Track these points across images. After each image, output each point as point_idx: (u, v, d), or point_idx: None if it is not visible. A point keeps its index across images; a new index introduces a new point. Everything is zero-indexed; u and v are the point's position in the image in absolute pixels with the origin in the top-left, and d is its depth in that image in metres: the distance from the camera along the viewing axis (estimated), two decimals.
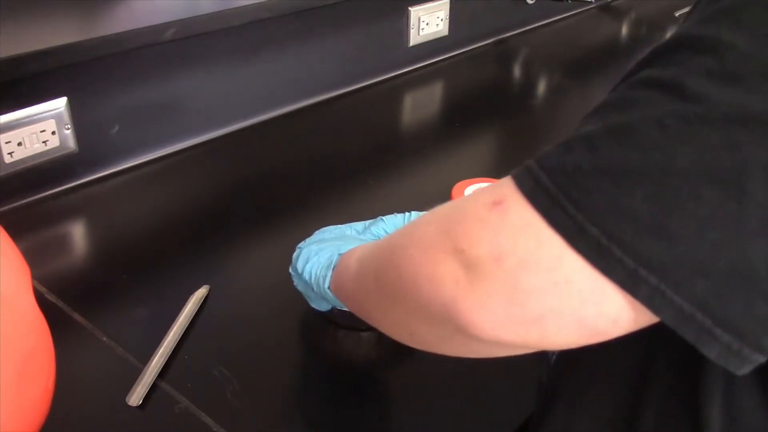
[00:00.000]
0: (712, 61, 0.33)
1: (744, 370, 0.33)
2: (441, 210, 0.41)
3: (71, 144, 0.93)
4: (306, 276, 0.64)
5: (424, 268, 0.40)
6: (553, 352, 0.55)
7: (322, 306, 0.68)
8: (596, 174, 0.34)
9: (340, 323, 0.71)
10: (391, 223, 0.73)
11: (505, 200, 0.36)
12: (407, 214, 0.74)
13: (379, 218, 0.75)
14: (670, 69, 0.35)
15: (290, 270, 0.71)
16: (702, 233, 0.32)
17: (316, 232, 0.81)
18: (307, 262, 0.64)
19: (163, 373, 0.65)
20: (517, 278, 0.35)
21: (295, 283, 0.70)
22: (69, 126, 0.91)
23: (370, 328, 0.71)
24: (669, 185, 0.32)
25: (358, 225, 0.78)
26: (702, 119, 0.32)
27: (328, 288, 0.60)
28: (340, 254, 0.60)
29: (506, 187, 0.37)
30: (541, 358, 0.58)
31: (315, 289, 0.63)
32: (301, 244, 0.68)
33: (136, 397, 0.62)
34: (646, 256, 0.33)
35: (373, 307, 0.51)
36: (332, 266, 0.60)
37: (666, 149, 0.33)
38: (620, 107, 0.36)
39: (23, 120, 0.87)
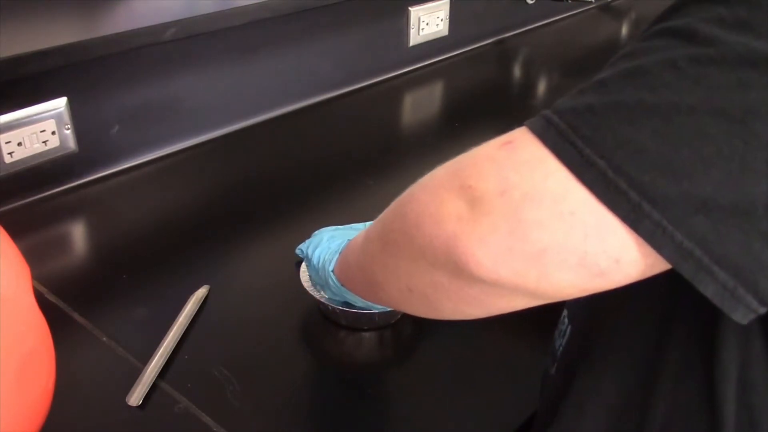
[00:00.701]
0: (724, 10, 0.34)
1: (739, 314, 0.34)
2: (453, 159, 0.42)
3: (71, 144, 0.93)
4: (315, 260, 0.65)
5: (428, 208, 0.40)
6: (560, 343, 0.55)
7: (325, 292, 0.69)
8: (606, 111, 0.35)
9: (342, 323, 0.71)
10: None
11: (515, 140, 0.37)
12: None
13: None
14: (682, 19, 0.35)
15: (297, 251, 0.72)
16: (707, 170, 0.32)
17: (315, 233, 0.81)
18: (317, 247, 0.66)
19: (163, 373, 0.65)
20: (521, 210, 0.35)
21: (300, 270, 0.72)
22: (69, 126, 0.91)
23: (371, 328, 0.72)
24: (677, 122, 0.33)
25: (359, 226, 0.78)
26: (713, 60, 0.33)
27: (332, 271, 0.62)
28: (349, 239, 0.61)
29: (518, 130, 0.38)
30: (547, 349, 0.57)
31: (321, 273, 0.64)
32: (316, 232, 0.69)
33: (136, 397, 0.62)
34: (651, 191, 0.33)
35: (374, 270, 0.51)
36: (339, 251, 0.62)
37: (676, 88, 0.33)
38: (633, 55, 0.36)
39: (23, 120, 0.87)
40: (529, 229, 0.35)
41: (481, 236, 0.37)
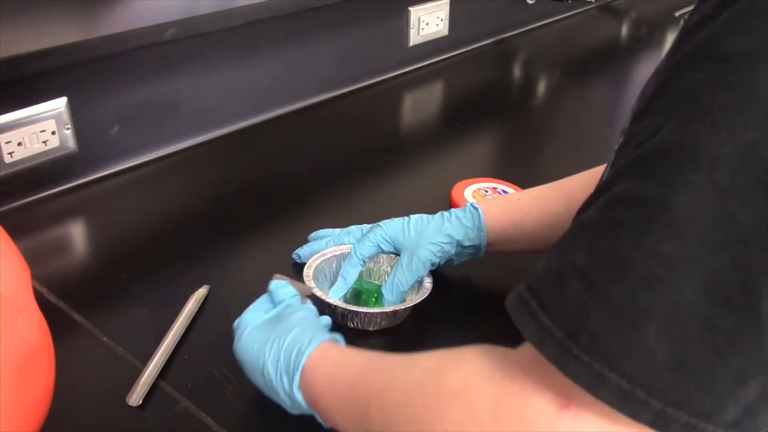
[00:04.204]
0: (698, 176, 0.32)
1: None
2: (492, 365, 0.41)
3: (71, 144, 0.93)
4: (270, 373, 0.55)
5: None
6: None
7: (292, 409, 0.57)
8: (600, 314, 0.34)
9: (350, 325, 0.71)
10: (390, 229, 0.73)
11: (573, 401, 0.36)
12: (406, 218, 0.74)
13: (376, 224, 0.75)
14: (651, 184, 0.33)
15: (293, 256, 0.71)
16: (725, 363, 0.32)
17: (312, 235, 0.81)
18: (266, 357, 0.56)
19: (163, 373, 0.65)
20: None
21: (303, 273, 0.71)
22: (69, 126, 0.91)
23: (378, 330, 0.71)
24: (680, 318, 0.32)
25: (356, 231, 0.78)
26: (700, 243, 0.32)
27: (298, 389, 0.54)
28: (305, 351, 0.54)
29: (569, 382, 0.36)
30: None
31: (279, 389, 0.55)
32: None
33: (136, 397, 0.62)
34: (672, 395, 0.32)
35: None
36: (300, 365, 0.54)
37: (670, 282, 0.32)
38: (607, 227, 0.35)
39: (23, 120, 0.87)
40: None
41: None
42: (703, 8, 0.35)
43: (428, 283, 0.73)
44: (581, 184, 0.70)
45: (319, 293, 0.70)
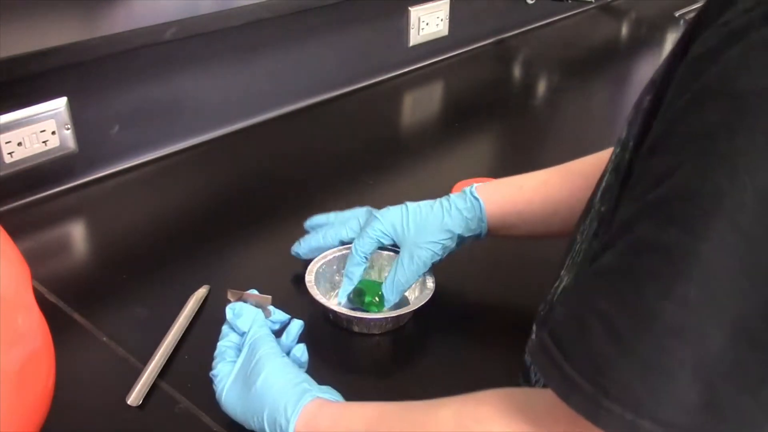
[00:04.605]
0: (722, 223, 0.32)
1: None
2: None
3: (71, 144, 0.93)
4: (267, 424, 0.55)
5: None
6: (530, 360, 0.55)
7: None
8: (629, 365, 0.34)
9: (355, 330, 0.71)
10: (388, 223, 0.72)
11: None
12: (403, 208, 0.73)
13: (373, 217, 0.73)
14: (673, 231, 0.34)
15: (292, 252, 0.70)
16: (756, 399, 0.33)
17: (308, 223, 0.79)
18: (253, 426, 0.56)
19: (163, 373, 0.65)
20: None
21: (306, 279, 0.71)
22: (69, 126, 0.91)
23: (382, 333, 0.71)
24: (709, 362, 0.33)
25: (352, 220, 0.76)
26: (728, 289, 0.32)
27: None
28: (299, 404, 0.54)
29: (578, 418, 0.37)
30: (523, 372, 0.57)
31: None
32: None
33: (136, 397, 0.62)
34: None
35: None
36: (295, 413, 0.53)
37: (699, 329, 0.33)
38: (630, 275, 0.35)
39: (23, 120, 0.87)
40: None
41: None
42: (708, 41, 0.35)
43: (431, 283, 0.72)
44: (586, 168, 0.68)
45: (323, 301, 0.70)
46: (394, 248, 0.74)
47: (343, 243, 0.75)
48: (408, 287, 0.71)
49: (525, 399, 0.43)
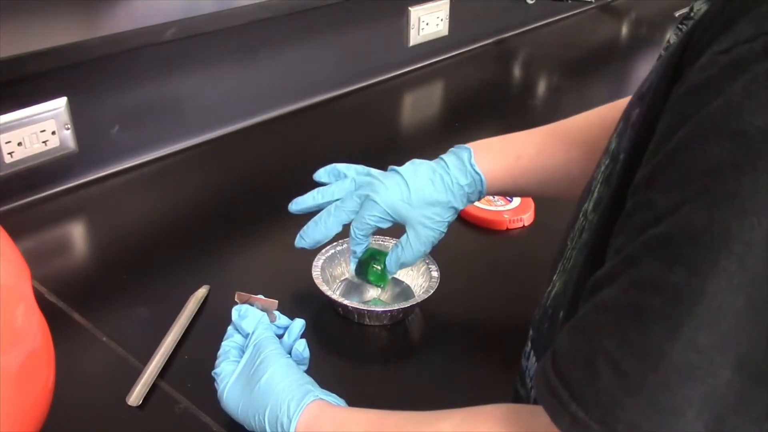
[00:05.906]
0: (730, 263, 0.32)
1: None
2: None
3: (71, 144, 0.93)
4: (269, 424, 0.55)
5: None
6: (526, 365, 0.55)
7: None
8: (637, 405, 0.34)
9: (365, 322, 0.73)
10: (388, 202, 0.69)
11: None
12: (402, 184, 0.70)
13: (370, 201, 0.70)
14: (680, 270, 0.34)
15: (296, 245, 0.71)
16: (761, 430, 0.33)
17: (293, 207, 0.76)
18: (254, 427, 0.56)
19: (163, 373, 0.65)
20: None
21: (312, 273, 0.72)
22: (69, 126, 0.91)
23: (394, 323, 0.73)
24: (716, 397, 0.33)
25: (348, 200, 0.73)
26: (735, 328, 0.33)
27: None
28: (302, 402, 0.54)
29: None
30: (516, 367, 0.57)
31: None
32: (217, 377, 0.60)
33: (136, 397, 0.62)
34: None
35: None
36: (298, 411, 0.54)
37: (706, 367, 0.33)
38: (635, 314, 0.35)
39: (23, 120, 0.87)
40: None
41: None
42: (706, 69, 0.35)
43: (435, 273, 0.74)
44: (586, 127, 0.70)
45: (334, 297, 0.72)
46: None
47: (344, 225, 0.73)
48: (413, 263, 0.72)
49: (528, 421, 0.43)
